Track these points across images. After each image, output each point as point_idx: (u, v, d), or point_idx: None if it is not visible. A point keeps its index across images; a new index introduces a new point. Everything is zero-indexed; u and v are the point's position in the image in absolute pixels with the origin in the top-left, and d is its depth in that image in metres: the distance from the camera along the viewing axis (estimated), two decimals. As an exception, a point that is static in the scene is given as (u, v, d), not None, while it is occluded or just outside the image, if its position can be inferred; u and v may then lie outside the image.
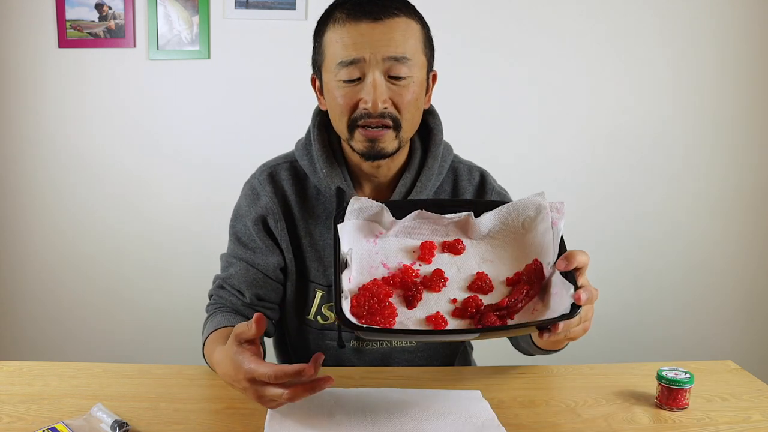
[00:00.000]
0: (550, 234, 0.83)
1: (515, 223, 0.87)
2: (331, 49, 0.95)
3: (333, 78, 0.95)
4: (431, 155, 1.06)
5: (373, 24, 0.92)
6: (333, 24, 0.95)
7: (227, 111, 2.18)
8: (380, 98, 0.93)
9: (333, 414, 0.82)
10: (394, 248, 0.85)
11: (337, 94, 0.96)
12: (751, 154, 2.28)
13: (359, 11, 0.93)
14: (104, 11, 2.10)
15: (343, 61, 0.93)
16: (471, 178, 1.11)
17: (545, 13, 2.15)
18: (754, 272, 2.36)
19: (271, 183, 1.08)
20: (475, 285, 0.81)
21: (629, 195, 2.28)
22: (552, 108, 2.22)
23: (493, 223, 0.87)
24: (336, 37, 0.94)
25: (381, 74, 0.93)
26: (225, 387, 0.93)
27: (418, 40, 0.96)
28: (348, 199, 0.98)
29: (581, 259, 0.77)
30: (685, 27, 2.18)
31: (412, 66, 0.94)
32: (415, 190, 1.05)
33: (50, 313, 2.29)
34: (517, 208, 0.87)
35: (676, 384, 0.88)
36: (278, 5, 2.10)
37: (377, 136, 0.96)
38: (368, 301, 0.75)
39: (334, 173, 1.03)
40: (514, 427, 0.83)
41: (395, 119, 0.95)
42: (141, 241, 2.25)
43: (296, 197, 1.08)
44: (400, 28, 0.93)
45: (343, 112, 0.96)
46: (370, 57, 0.92)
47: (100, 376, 0.96)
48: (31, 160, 2.20)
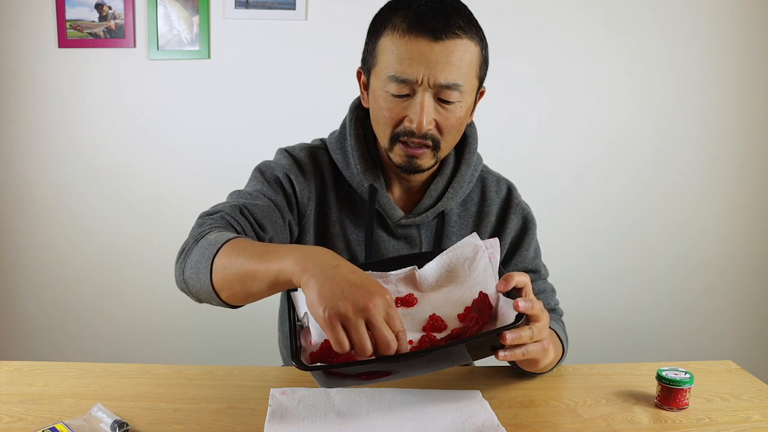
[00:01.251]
0: (490, 269, 0.87)
1: (458, 267, 0.91)
2: (384, 57, 0.92)
3: (382, 88, 0.93)
4: (465, 163, 1.06)
5: (433, 43, 0.88)
6: (392, 31, 0.91)
7: (227, 111, 2.19)
8: (426, 120, 0.91)
9: (333, 414, 0.82)
10: None
11: (383, 104, 0.94)
12: (752, 155, 2.28)
13: (420, 25, 0.88)
14: (104, 11, 2.10)
15: (395, 76, 0.90)
16: (499, 189, 1.11)
17: (546, 14, 2.15)
18: (754, 272, 2.36)
19: (313, 162, 1.05)
20: (428, 326, 0.84)
21: (629, 195, 2.28)
22: (555, 109, 2.22)
23: (439, 272, 0.91)
24: (392, 47, 0.91)
25: (431, 96, 0.91)
26: (225, 387, 0.93)
27: (474, 64, 0.92)
28: (378, 199, 1.02)
29: (519, 279, 0.80)
30: (689, 29, 2.18)
31: (464, 92, 0.92)
32: (446, 196, 1.05)
33: (50, 313, 2.29)
34: (456, 253, 0.91)
35: (676, 384, 0.88)
36: (278, 5, 2.10)
37: (416, 153, 0.95)
38: (327, 353, 0.76)
39: (368, 170, 1.03)
40: (514, 427, 0.83)
41: (436, 141, 0.95)
42: (141, 240, 2.25)
43: (333, 184, 1.06)
44: (459, 51, 0.89)
45: (387, 124, 0.95)
46: (423, 79, 0.89)
47: (100, 376, 0.96)
48: (31, 161, 2.20)
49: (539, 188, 2.23)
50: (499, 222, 1.10)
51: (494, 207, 1.10)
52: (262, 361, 0.99)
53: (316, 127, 1.07)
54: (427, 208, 1.06)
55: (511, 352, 0.76)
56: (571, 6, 2.15)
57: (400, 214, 1.05)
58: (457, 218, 1.09)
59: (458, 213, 1.09)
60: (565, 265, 2.22)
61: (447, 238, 1.08)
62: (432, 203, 1.06)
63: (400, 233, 1.07)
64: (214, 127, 2.19)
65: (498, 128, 2.21)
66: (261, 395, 0.89)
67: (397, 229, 1.07)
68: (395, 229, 1.07)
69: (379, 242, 1.07)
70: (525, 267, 1.11)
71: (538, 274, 1.12)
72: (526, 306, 0.75)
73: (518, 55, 2.17)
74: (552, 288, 1.14)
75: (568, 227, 2.28)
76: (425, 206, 1.05)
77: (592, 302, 2.30)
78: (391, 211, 1.04)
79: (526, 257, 1.11)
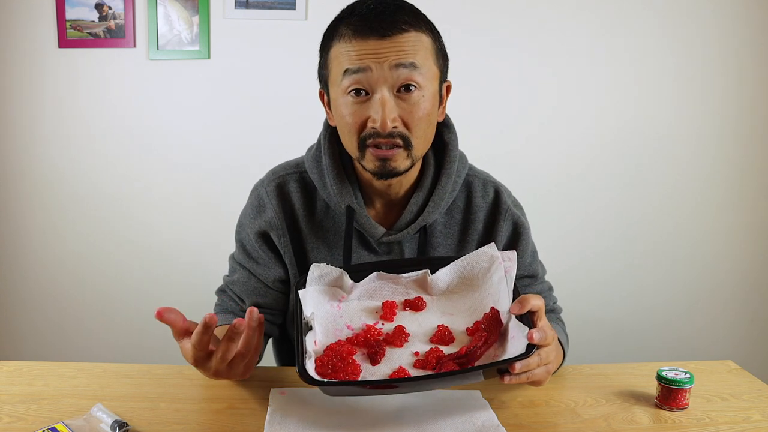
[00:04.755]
0: (504, 282, 0.86)
1: (471, 276, 0.90)
2: (336, 62, 0.91)
3: (340, 94, 0.91)
4: (445, 173, 1.01)
5: (381, 41, 0.87)
6: (338, 40, 0.90)
7: (227, 111, 2.18)
8: (389, 116, 0.88)
9: (333, 414, 0.82)
10: (357, 311, 0.88)
11: (344, 111, 0.91)
12: (753, 155, 2.28)
13: (366, 28, 0.87)
14: (104, 11, 2.10)
15: (349, 69, 0.88)
16: (485, 194, 1.06)
17: (546, 13, 2.15)
18: (754, 272, 2.36)
19: (279, 195, 1.04)
20: (436, 337, 0.84)
21: (630, 195, 2.28)
22: (556, 108, 2.22)
23: (451, 278, 0.91)
24: (342, 51, 0.89)
25: (389, 90, 0.88)
26: (225, 387, 0.93)
27: (428, 51, 0.90)
28: (357, 218, 1.00)
29: (535, 303, 0.78)
30: (690, 28, 2.18)
31: (423, 75, 0.89)
32: (427, 210, 1.00)
33: (50, 313, 2.29)
34: (471, 262, 0.90)
35: (676, 384, 0.88)
36: (278, 5, 2.10)
37: (388, 155, 0.91)
38: (332, 359, 0.77)
39: (344, 191, 0.99)
40: (514, 427, 0.83)
41: (405, 138, 0.91)
42: (141, 240, 2.25)
43: (304, 211, 1.04)
44: (410, 41, 0.88)
45: (352, 131, 0.91)
46: (377, 67, 0.87)
47: (100, 376, 0.96)
48: (31, 161, 2.20)
49: (539, 187, 2.23)
50: (486, 229, 1.06)
51: (481, 213, 1.05)
52: (262, 361, 0.98)
53: (315, 127, 1.07)
54: (408, 223, 1.01)
55: (517, 378, 0.76)
56: (571, 5, 2.15)
57: (380, 232, 1.01)
58: (442, 228, 1.05)
59: (443, 222, 1.05)
60: (566, 264, 2.22)
61: (432, 249, 1.04)
62: (413, 218, 1.01)
63: (383, 250, 1.04)
64: (214, 127, 2.19)
65: (498, 126, 2.21)
66: (261, 395, 0.89)
67: (379, 246, 1.04)
68: (377, 246, 1.03)
69: (361, 262, 1.03)
70: (522, 273, 1.08)
71: (535, 278, 1.10)
72: (540, 338, 0.74)
73: (519, 55, 2.17)
74: (549, 286, 1.13)
75: (569, 227, 2.28)
76: (406, 221, 1.01)
77: (593, 302, 2.30)
78: (372, 230, 1.01)
79: (522, 264, 1.07)
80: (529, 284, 1.09)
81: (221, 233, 1.56)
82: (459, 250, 1.04)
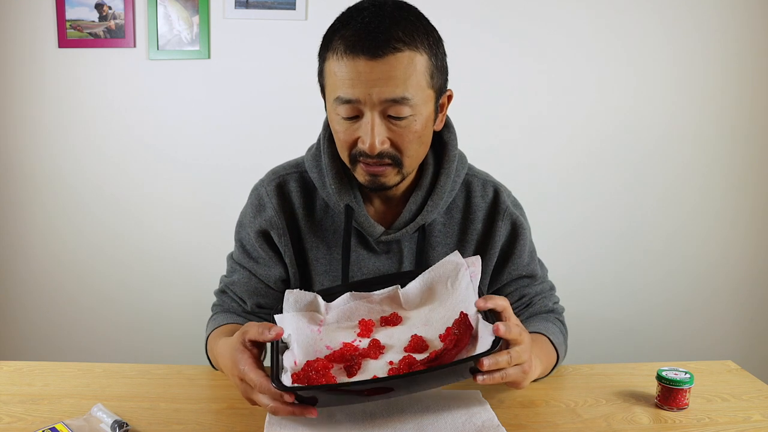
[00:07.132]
0: (471, 287, 0.87)
1: (440, 286, 0.91)
2: (330, 80, 0.90)
3: (333, 110, 0.91)
4: (444, 173, 1.01)
5: (371, 62, 0.84)
6: (332, 53, 0.88)
7: (227, 111, 2.18)
8: (377, 139, 0.88)
9: (333, 414, 0.82)
10: (336, 332, 0.89)
11: (337, 127, 0.92)
12: (753, 156, 2.27)
13: (357, 45, 0.85)
14: (104, 11, 2.10)
15: (340, 98, 0.87)
16: (485, 194, 1.06)
17: (546, 12, 2.15)
18: (754, 272, 2.36)
19: (279, 195, 1.05)
20: (410, 347, 0.84)
21: (631, 195, 2.28)
22: (556, 108, 2.22)
23: (421, 290, 0.92)
24: (334, 70, 0.88)
25: (379, 115, 0.87)
26: (225, 387, 0.93)
27: (422, 75, 0.87)
28: (356, 217, 1.01)
29: (500, 303, 0.79)
30: (690, 28, 2.18)
31: (415, 105, 0.87)
32: (426, 209, 1.01)
33: (50, 313, 2.29)
34: (438, 272, 0.91)
35: (676, 384, 0.88)
36: (278, 5, 2.10)
37: (378, 171, 0.92)
38: (308, 373, 0.78)
39: (343, 190, 1.00)
40: (514, 427, 0.83)
41: (395, 158, 0.91)
42: (141, 241, 2.25)
43: (304, 210, 1.04)
44: (402, 65, 0.85)
45: (343, 146, 0.93)
46: (367, 99, 0.86)
47: (100, 376, 0.96)
48: (31, 160, 2.20)
49: (540, 187, 2.23)
50: (486, 228, 1.06)
51: (480, 213, 1.06)
52: (262, 362, 0.98)
53: (315, 127, 1.07)
54: (406, 222, 1.02)
55: (490, 377, 0.75)
56: (571, 4, 2.15)
57: (379, 231, 1.01)
58: (442, 227, 1.05)
59: (442, 222, 1.05)
60: (566, 265, 2.22)
61: (431, 248, 1.05)
62: (411, 217, 1.01)
63: (382, 249, 1.04)
64: (214, 127, 2.19)
65: (498, 126, 2.21)
66: (261, 395, 0.89)
67: (378, 245, 1.04)
68: (376, 245, 1.04)
69: (361, 261, 1.04)
70: (520, 274, 1.08)
71: (534, 278, 1.10)
72: (504, 330, 0.74)
73: (520, 54, 2.17)
74: (551, 286, 1.13)
75: (569, 227, 2.28)
76: (404, 221, 1.01)
77: (592, 302, 2.30)
78: (370, 229, 1.01)
79: (520, 264, 1.07)
80: (527, 284, 1.09)
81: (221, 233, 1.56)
82: (458, 250, 1.04)
